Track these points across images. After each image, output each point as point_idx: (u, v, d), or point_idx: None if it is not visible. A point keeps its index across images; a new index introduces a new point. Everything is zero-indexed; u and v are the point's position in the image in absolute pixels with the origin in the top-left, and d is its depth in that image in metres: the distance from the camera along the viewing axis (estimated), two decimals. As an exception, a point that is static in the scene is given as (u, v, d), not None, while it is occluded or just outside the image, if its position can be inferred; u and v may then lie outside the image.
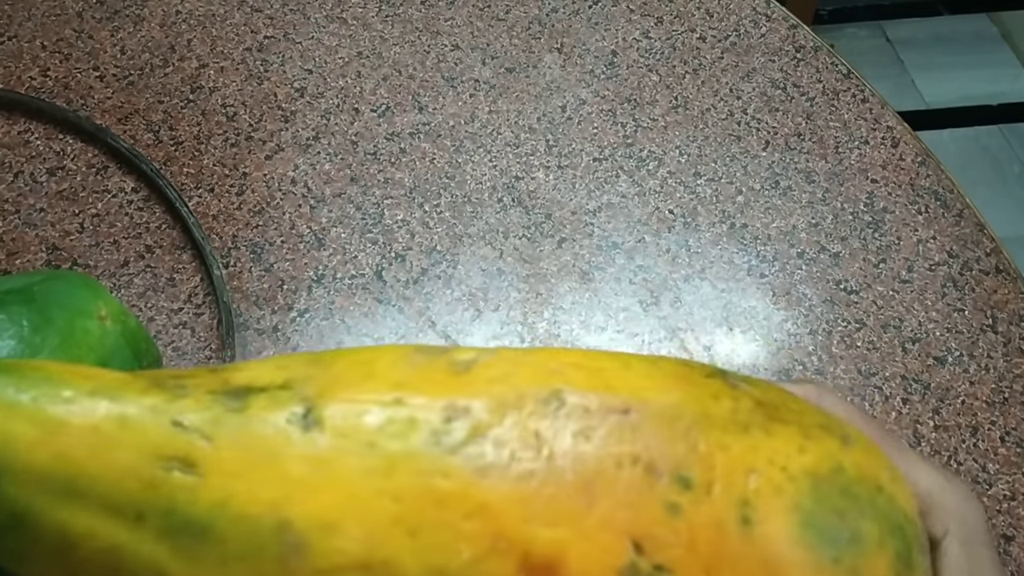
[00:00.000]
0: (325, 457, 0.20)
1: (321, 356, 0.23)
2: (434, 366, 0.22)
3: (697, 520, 0.20)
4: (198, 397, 0.21)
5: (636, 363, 0.23)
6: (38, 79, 0.47)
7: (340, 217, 0.45)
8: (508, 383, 0.22)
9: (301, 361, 0.23)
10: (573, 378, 0.22)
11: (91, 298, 0.34)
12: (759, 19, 0.53)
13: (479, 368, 0.22)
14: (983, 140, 1.39)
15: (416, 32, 0.51)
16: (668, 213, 0.47)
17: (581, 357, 0.23)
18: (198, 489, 0.20)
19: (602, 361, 0.23)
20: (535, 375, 0.22)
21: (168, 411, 0.21)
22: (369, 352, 0.23)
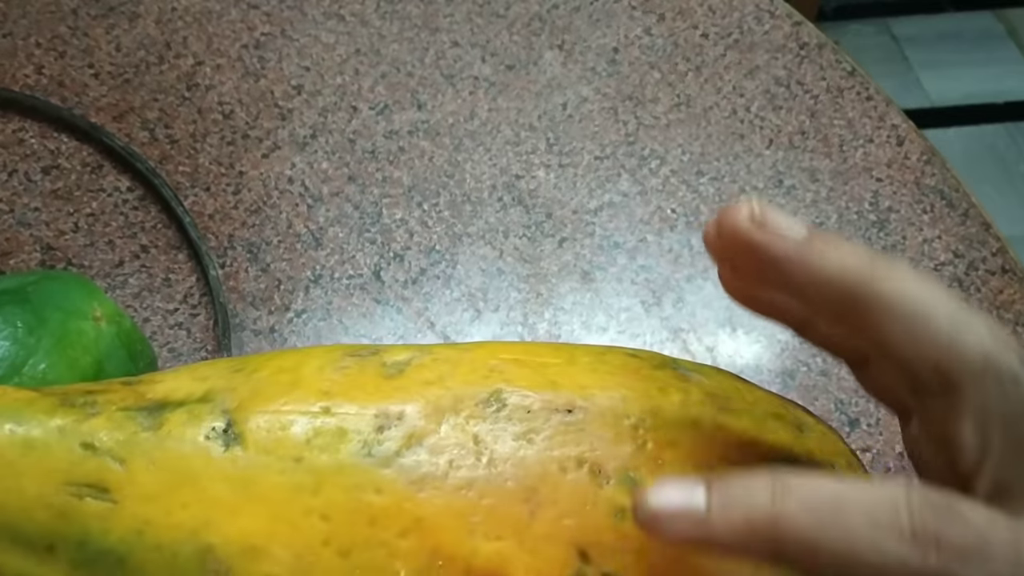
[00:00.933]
0: (248, 475, 0.19)
1: (245, 363, 0.21)
2: (364, 370, 0.21)
3: None
4: (110, 415, 0.20)
5: (582, 356, 0.22)
6: (32, 77, 0.47)
7: (338, 216, 0.44)
8: (444, 385, 0.20)
9: (223, 369, 0.21)
10: (514, 376, 0.21)
11: (86, 299, 0.34)
12: (762, 16, 0.53)
13: (413, 370, 0.21)
14: (989, 138, 1.38)
15: (415, 29, 0.51)
16: (670, 212, 0.46)
17: (523, 352, 0.22)
18: (112, 516, 0.19)
19: (545, 356, 0.22)
20: (473, 374, 0.21)
21: (77, 432, 0.19)
22: (295, 356, 0.21)
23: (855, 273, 0.19)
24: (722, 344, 0.43)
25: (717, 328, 0.43)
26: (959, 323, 0.19)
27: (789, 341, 0.43)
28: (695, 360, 0.42)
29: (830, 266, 0.19)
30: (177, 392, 0.20)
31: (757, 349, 0.43)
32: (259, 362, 0.21)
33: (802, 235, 0.19)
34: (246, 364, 0.21)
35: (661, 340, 0.42)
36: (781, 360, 0.42)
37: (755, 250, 0.19)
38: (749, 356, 0.42)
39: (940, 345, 0.19)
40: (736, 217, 0.19)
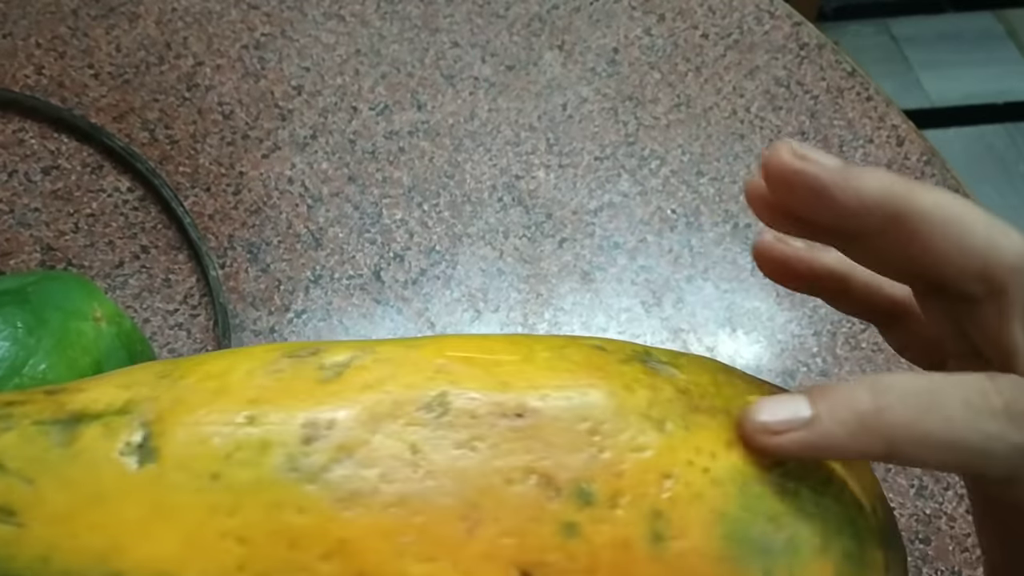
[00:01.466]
0: (161, 495, 0.17)
1: (175, 367, 0.19)
2: (299, 374, 0.19)
3: (599, 541, 0.18)
4: (23, 429, 0.18)
5: (541, 352, 0.20)
6: (32, 77, 0.47)
7: (338, 217, 0.44)
8: (384, 388, 0.18)
9: (151, 375, 0.19)
10: (461, 376, 0.19)
11: (86, 299, 0.34)
12: (762, 16, 0.53)
13: (352, 372, 0.19)
14: (989, 139, 1.38)
15: (415, 29, 0.51)
16: (670, 213, 0.46)
17: (476, 348, 0.20)
18: (18, 542, 0.17)
19: (500, 351, 0.20)
20: (417, 375, 0.19)
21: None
22: (227, 359, 0.19)
23: (896, 189, 0.20)
24: (722, 344, 0.43)
25: (717, 328, 0.43)
26: (994, 227, 0.20)
27: (789, 341, 0.43)
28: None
29: (872, 185, 0.20)
30: (97, 402, 0.19)
31: (757, 349, 0.43)
32: (188, 367, 0.19)
33: (839, 163, 0.21)
34: (175, 369, 0.19)
35: (661, 340, 0.42)
36: (781, 360, 0.42)
37: (801, 180, 0.20)
38: (749, 356, 0.42)
39: (979, 247, 0.20)
40: (780, 154, 0.20)
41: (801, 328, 0.43)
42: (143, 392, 0.19)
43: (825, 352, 0.42)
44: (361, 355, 0.19)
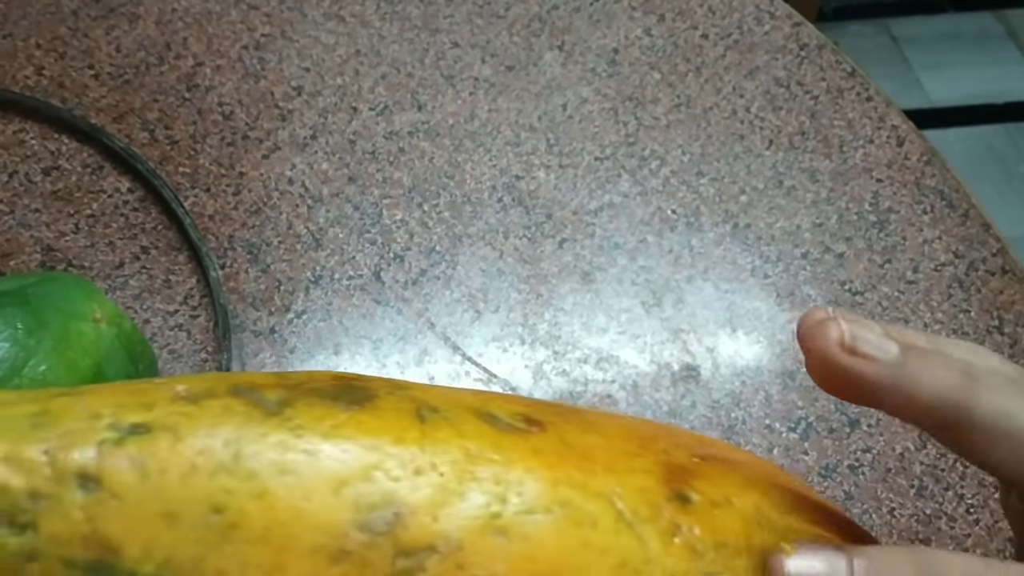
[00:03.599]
0: None
1: (230, 498, 0.18)
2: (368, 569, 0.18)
3: None
4: (49, 567, 0.18)
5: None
6: (32, 78, 0.47)
7: (338, 217, 0.44)
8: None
9: (201, 507, 0.18)
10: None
11: (86, 300, 0.34)
12: (762, 16, 0.53)
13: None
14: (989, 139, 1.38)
15: (415, 30, 0.51)
16: (671, 213, 0.46)
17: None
18: None
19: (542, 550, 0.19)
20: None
21: None
22: (290, 507, 0.18)
23: (952, 396, 0.19)
24: (722, 345, 0.43)
25: (717, 329, 0.43)
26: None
27: (789, 341, 0.43)
28: (696, 367, 0.42)
29: (925, 391, 0.19)
30: (130, 552, 0.18)
31: (757, 350, 0.43)
32: (246, 507, 0.19)
33: (894, 356, 0.19)
34: (229, 501, 0.18)
35: (661, 341, 0.42)
36: (781, 361, 0.42)
37: (846, 375, 0.19)
38: (749, 356, 0.42)
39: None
40: (825, 341, 0.19)
41: (801, 328, 0.43)
42: (186, 550, 0.18)
43: (825, 352, 0.42)
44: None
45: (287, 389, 0.20)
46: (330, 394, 0.20)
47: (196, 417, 0.19)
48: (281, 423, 0.19)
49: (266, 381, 0.20)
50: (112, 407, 0.19)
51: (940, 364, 0.19)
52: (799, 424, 0.41)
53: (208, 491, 0.18)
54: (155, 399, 0.19)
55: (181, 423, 0.19)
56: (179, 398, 0.19)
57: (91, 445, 0.18)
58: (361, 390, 0.20)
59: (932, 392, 0.19)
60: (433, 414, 0.20)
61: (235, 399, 0.19)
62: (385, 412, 0.20)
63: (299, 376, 0.21)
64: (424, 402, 0.20)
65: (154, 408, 0.19)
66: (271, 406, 0.19)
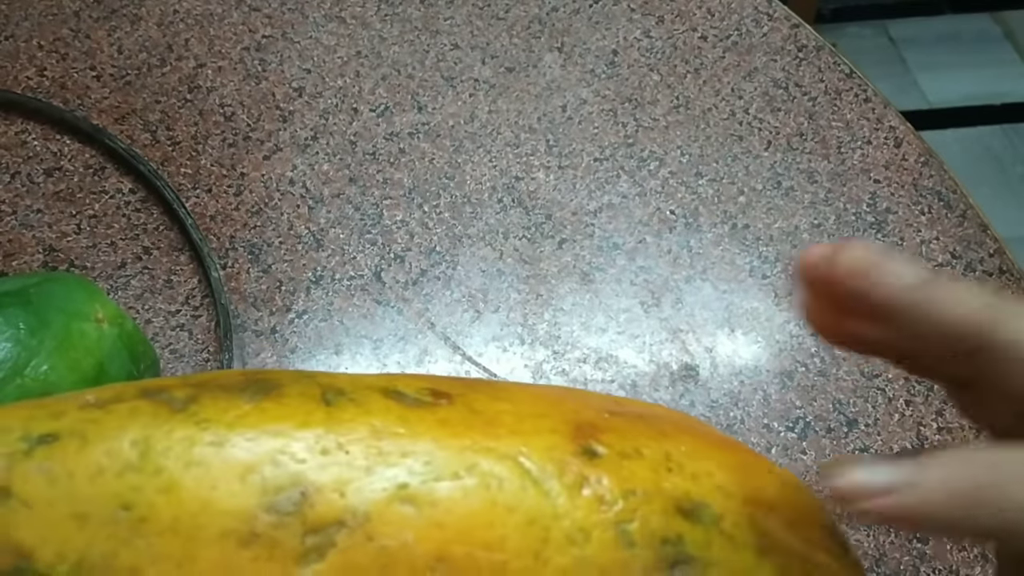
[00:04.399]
0: None
1: (136, 493, 0.19)
2: (275, 549, 0.18)
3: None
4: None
5: (555, 554, 0.19)
6: (35, 79, 0.47)
7: (339, 218, 0.45)
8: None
9: (110, 504, 0.19)
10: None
11: (88, 300, 0.34)
12: (761, 18, 0.53)
13: (336, 555, 0.18)
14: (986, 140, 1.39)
15: (415, 31, 0.51)
16: (669, 214, 0.46)
17: (481, 535, 0.19)
18: None
19: (511, 539, 0.19)
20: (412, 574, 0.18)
21: None
22: (194, 500, 0.19)
23: (975, 320, 0.18)
24: (721, 345, 0.43)
25: (716, 329, 0.43)
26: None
27: (788, 342, 0.43)
28: (695, 367, 0.42)
29: (949, 314, 0.18)
30: (44, 554, 0.18)
31: (756, 350, 0.43)
32: (150, 499, 0.19)
33: (917, 279, 0.18)
34: (136, 498, 0.19)
35: (660, 341, 0.43)
36: (779, 360, 0.42)
37: (870, 295, 0.19)
38: (748, 356, 0.43)
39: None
40: (851, 257, 0.18)
41: (799, 328, 0.43)
42: (97, 548, 0.18)
43: (824, 352, 0.43)
44: (349, 531, 0.19)
45: (194, 387, 0.20)
46: (236, 388, 0.20)
47: (103, 421, 0.19)
48: (187, 418, 0.19)
49: (175, 382, 0.21)
50: (22, 420, 0.20)
51: (963, 288, 0.18)
52: (797, 423, 0.41)
53: (116, 489, 0.18)
54: (64, 409, 0.20)
55: (89, 428, 0.19)
56: (88, 405, 0.20)
57: (0, 458, 0.19)
58: (267, 382, 0.21)
59: (956, 314, 0.18)
60: (339, 397, 0.20)
61: (142, 400, 0.20)
62: (290, 399, 0.20)
63: (208, 375, 0.21)
64: (330, 386, 0.21)
65: (63, 417, 0.20)
66: (177, 404, 0.20)
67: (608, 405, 0.23)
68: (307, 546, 0.18)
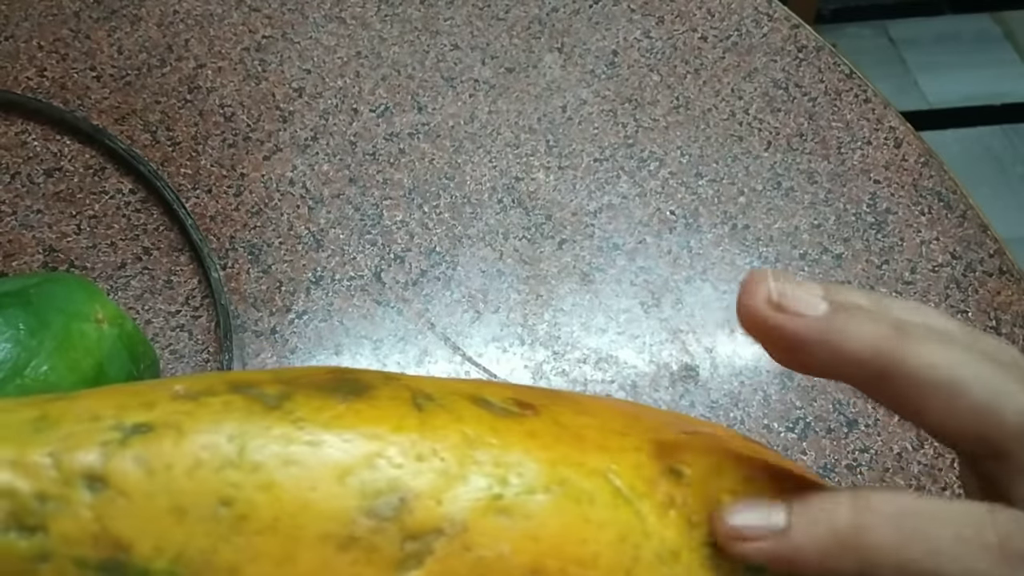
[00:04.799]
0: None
1: (237, 491, 0.19)
2: (374, 555, 0.18)
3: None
4: (62, 568, 0.18)
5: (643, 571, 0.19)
6: (35, 79, 0.47)
7: (339, 218, 0.45)
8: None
9: (210, 498, 0.19)
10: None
11: (88, 301, 0.34)
12: (761, 19, 0.53)
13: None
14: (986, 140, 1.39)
15: (415, 32, 0.51)
16: (669, 214, 0.46)
17: (574, 549, 0.19)
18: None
19: (601, 553, 0.19)
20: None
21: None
22: (297, 499, 0.19)
23: (880, 349, 0.18)
24: (721, 345, 0.43)
25: (716, 329, 0.43)
26: (994, 391, 0.18)
27: (788, 342, 0.43)
28: (695, 367, 0.42)
29: (853, 343, 0.18)
30: (142, 549, 0.18)
31: (755, 350, 0.43)
32: (256, 502, 0.19)
33: (821, 312, 0.19)
34: (236, 494, 0.19)
35: (660, 341, 0.43)
36: (780, 361, 0.42)
37: (779, 336, 0.19)
38: (748, 357, 0.43)
39: (979, 417, 0.18)
40: (754, 301, 0.19)
41: (799, 329, 0.43)
42: (196, 544, 0.18)
43: (823, 353, 0.43)
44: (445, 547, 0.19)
45: (285, 384, 0.20)
46: (327, 387, 0.20)
47: (197, 414, 0.19)
48: (282, 416, 0.19)
49: (263, 377, 0.20)
50: (113, 408, 0.19)
51: (868, 318, 0.19)
52: (797, 424, 0.41)
53: (215, 485, 0.18)
54: (155, 399, 0.20)
55: (183, 420, 0.19)
56: (179, 397, 0.20)
57: (95, 446, 0.19)
58: (357, 382, 0.21)
59: (859, 344, 0.18)
60: (429, 402, 0.20)
61: (235, 395, 0.20)
62: (382, 402, 0.20)
63: (295, 371, 0.21)
64: (419, 391, 0.21)
65: (155, 407, 0.19)
66: (271, 400, 0.19)
67: (680, 424, 0.23)
68: (406, 552, 0.18)
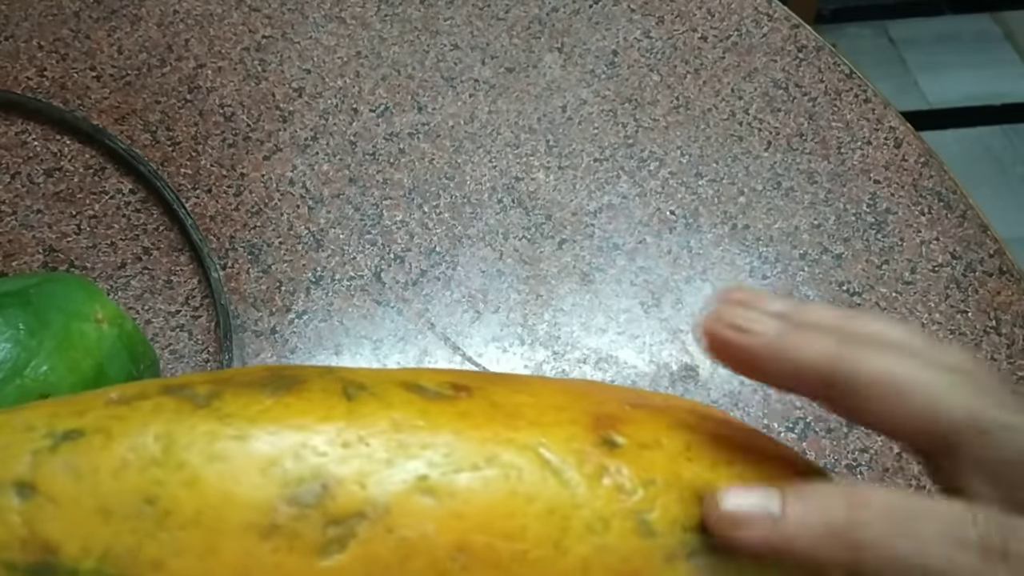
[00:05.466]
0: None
1: (159, 486, 0.19)
2: (296, 541, 0.19)
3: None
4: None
5: (577, 544, 0.19)
6: (35, 79, 0.47)
7: (338, 218, 0.45)
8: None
9: (134, 496, 0.19)
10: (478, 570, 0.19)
11: (88, 301, 0.34)
12: (761, 18, 0.53)
13: (356, 545, 0.19)
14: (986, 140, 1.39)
15: (415, 32, 0.51)
16: (669, 214, 0.46)
17: (501, 526, 0.19)
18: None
19: (532, 527, 0.19)
20: (431, 570, 0.19)
21: None
22: (215, 490, 0.19)
23: (826, 361, 0.20)
24: (721, 345, 0.43)
25: (716, 329, 0.43)
26: (936, 390, 0.19)
27: (788, 342, 0.43)
28: (695, 367, 0.42)
29: (801, 357, 0.20)
30: (70, 548, 0.19)
31: (756, 350, 0.43)
32: (173, 494, 0.19)
33: (771, 329, 0.20)
34: (159, 492, 0.19)
35: (660, 341, 0.43)
36: (780, 361, 0.42)
37: (736, 353, 0.20)
38: (748, 357, 0.43)
39: (923, 417, 0.20)
40: (711, 322, 0.20)
41: (799, 329, 0.43)
42: (122, 542, 0.18)
43: (823, 353, 0.43)
44: (370, 522, 0.19)
45: (217, 383, 0.21)
46: (258, 383, 0.21)
47: (127, 417, 0.20)
48: (209, 414, 0.20)
49: (198, 379, 0.21)
50: (46, 417, 0.20)
51: (817, 334, 0.20)
52: (797, 424, 0.41)
53: (140, 484, 0.19)
54: (88, 406, 0.20)
55: (113, 425, 0.20)
56: (111, 402, 0.20)
57: (26, 455, 0.19)
58: (290, 378, 0.21)
59: (808, 357, 0.20)
60: (360, 391, 0.21)
61: (166, 397, 0.20)
62: (312, 394, 0.20)
63: (232, 371, 0.21)
64: (352, 381, 0.21)
65: (87, 414, 0.20)
66: (200, 400, 0.20)
67: (630, 397, 0.23)
68: (328, 537, 0.19)
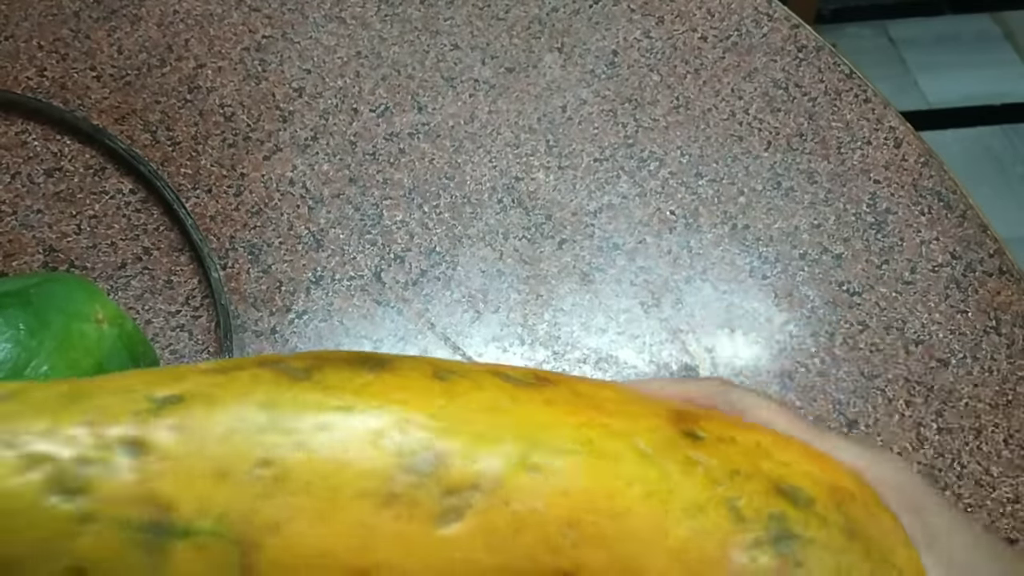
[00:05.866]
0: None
1: (274, 449, 0.19)
2: (415, 509, 0.19)
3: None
4: (107, 532, 0.18)
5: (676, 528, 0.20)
6: (35, 79, 0.47)
7: (339, 218, 0.45)
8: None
9: (248, 461, 0.19)
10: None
11: (88, 301, 0.34)
12: (761, 19, 0.53)
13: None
14: (986, 140, 1.39)
15: (415, 32, 0.51)
16: (669, 214, 0.46)
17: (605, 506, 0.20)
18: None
19: (632, 505, 0.20)
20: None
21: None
22: (334, 459, 0.19)
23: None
24: (721, 345, 0.43)
25: (716, 329, 0.43)
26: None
27: (788, 342, 0.43)
28: (695, 367, 0.42)
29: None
30: (186, 509, 0.18)
31: (756, 350, 0.43)
32: (291, 461, 0.19)
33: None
34: (273, 456, 0.19)
35: (660, 341, 0.43)
36: (779, 361, 0.42)
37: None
38: (748, 357, 0.43)
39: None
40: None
41: (799, 329, 0.43)
42: (237, 504, 0.18)
43: (823, 353, 0.43)
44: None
45: (311, 359, 0.21)
46: (354, 361, 0.21)
47: (227, 385, 0.20)
48: (311, 386, 0.20)
49: (290, 357, 0.21)
50: (143, 383, 0.20)
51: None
52: (797, 424, 0.41)
53: (250, 448, 0.19)
54: (184, 374, 0.20)
55: (214, 391, 0.19)
56: (208, 371, 0.20)
57: (128, 415, 0.19)
58: (380, 359, 0.21)
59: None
60: (451, 374, 0.21)
61: (262, 369, 0.20)
62: (407, 373, 0.21)
63: (320, 351, 0.22)
64: (439, 366, 0.21)
65: (185, 380, 0.20)
66: (299, 373, 0.20)
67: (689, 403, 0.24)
68: (444, 507, 0.19)
